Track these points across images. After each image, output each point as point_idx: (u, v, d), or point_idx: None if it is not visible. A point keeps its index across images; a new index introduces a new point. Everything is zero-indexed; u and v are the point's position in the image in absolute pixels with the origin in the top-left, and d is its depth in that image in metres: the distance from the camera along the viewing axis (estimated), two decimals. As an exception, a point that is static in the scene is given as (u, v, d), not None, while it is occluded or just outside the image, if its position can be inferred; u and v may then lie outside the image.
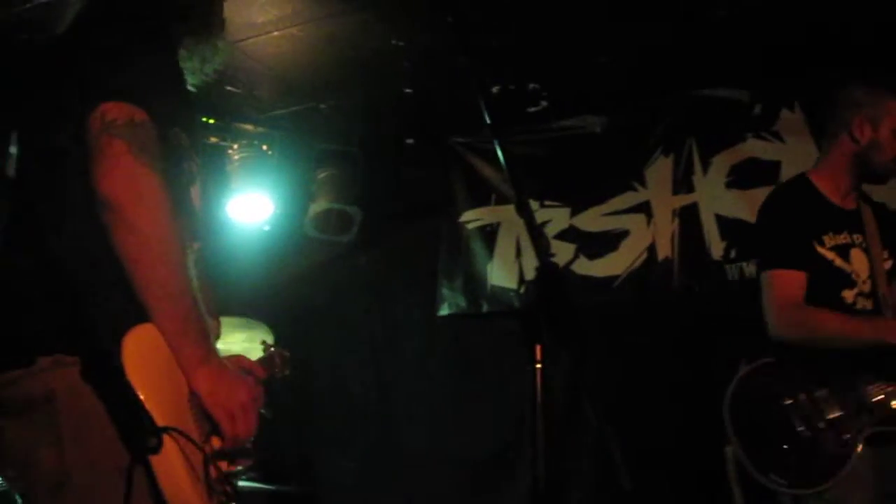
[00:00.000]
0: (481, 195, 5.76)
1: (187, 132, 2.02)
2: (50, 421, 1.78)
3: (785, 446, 3.10)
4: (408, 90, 5.25)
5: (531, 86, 5.15)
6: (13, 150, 4.95)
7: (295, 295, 5.92)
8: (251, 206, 5.57)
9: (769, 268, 3.31)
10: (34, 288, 1.87)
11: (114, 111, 1.82)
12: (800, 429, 3.09)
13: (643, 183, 5.27)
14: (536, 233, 1.87)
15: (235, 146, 5.44)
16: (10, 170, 4.91)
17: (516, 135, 5.40)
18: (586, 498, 4.85)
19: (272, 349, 2.68)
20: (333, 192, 5.71)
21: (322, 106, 5.48)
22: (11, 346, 1.84)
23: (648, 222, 5.20)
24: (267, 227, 5.68)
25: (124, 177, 1.78)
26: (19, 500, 3.49)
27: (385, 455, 5.65)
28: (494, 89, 5.02)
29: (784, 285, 3.24)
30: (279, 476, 5.19)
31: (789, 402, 3.13)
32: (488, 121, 2.07)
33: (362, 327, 5.99)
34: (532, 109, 5.37)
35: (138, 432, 1.73)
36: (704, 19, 4.37)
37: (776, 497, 3.11)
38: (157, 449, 1.72)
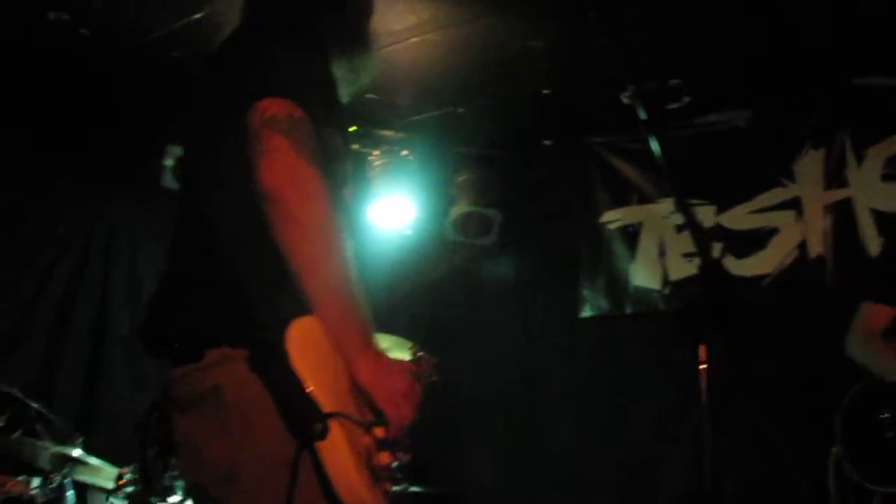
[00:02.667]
0: (622, 195, 5.68)
1: (340, 134, 2.06)
2: (218, 414, 1.84)
3: (880, 451, 3.65)
4: (545, 91, 5.22)
5: (672, 82, 5.04)
6: (168, 162, 5.19)
7: (436, 298, 5.97)
8: (393, 211, 5.65)
9: None
10: (201, 284, 1.93)
11: (273, 107, 1.86)
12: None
13: (792, 178, 5.09)
14: (697, 228, 1.82)
15: (376, 152, 5.54)
16: (166, 180, 5.16)
17: (658, 132, 5.28)
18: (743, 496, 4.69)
19: (420, 354, 2.70)
20: (473, 196, 5.74)
21: (460, 110, 5.51)
22: (182, 342, 1.91)
23: (798, 219, 5.02)
24: (409, 232, 5.75)
25: (284, 169, 1.82)
26: (180, 492, 3.65)
27: (530, 458, 5.63)
28: (632, 87, 4.95)
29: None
30: (424, 478, 5.25)
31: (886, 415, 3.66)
32: (643, 117, 2.02)
33: (504, 330, 5.98)
34: (673, 106, 5.25)
35: (304, 419, 1.76)
36: (856, 4, 4.19)
37: (869, 495, 3.61)
38: (323, 435, 1.75)
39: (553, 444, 5.57)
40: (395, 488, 1.94)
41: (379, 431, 1.92)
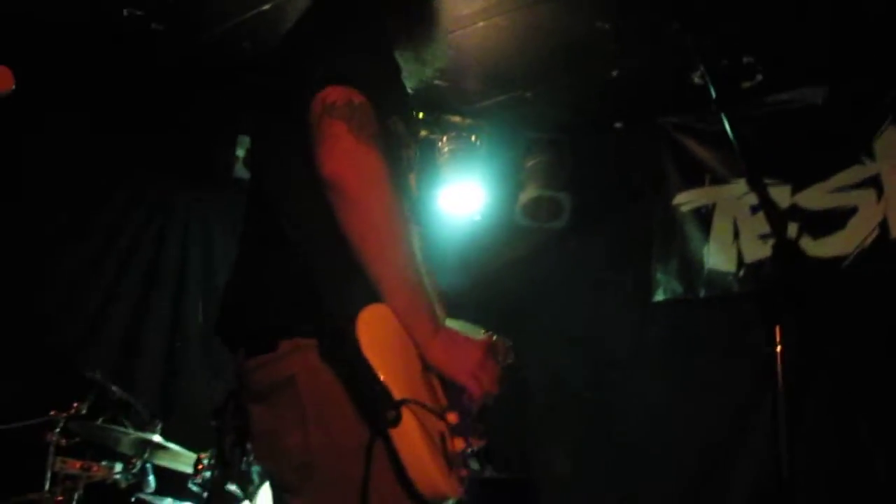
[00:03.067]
0: (695, 176, 5.58)
1: (404, 121, 2.06)
2: (293, 403, 1.85)
3: None
4: (614, 72, 5.16)
5: (745, 60, 4.93)
6: (240, 152, 5.26)
7: (506, 284, 5.96)
8: (462, 198, 5.64)
9: None
10: (273, 275, 1.95)
11: (333, 94, 1.86)
12: None
13: (872, 156, 4.93)
14: (771, 209, 1.78)
15: (444, 138, 5.54)
16: (238, 171, 5.22)
17: (730, 111, 5.17)
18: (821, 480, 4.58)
19: (494, 337, 2.69)
20: (543, 180, 5.71)
21: (528, 94, 5.47)
22: (256, 332, 1.93)
23: (879, 197, 4.87)
24: (478, 218, 5.74)
25: (345, 156, 1.82)
26: (255, 477, 3.71)
27: (601, 445, 5.58)
28: (703, 66, 4.86)
29: None
30: (496, 464, 5.25)
31: None
32: (715, 96, 1.98)
33: (575, 316, 5.93)
34: (746, 84, 5.14)
35: (377, 407, 1.76)
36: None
37: None
38: (396, 422, 1.75)
39: (624, 430, 5.51)
40: (469, 474, 1.94)
41: (452, 417, 1.92)
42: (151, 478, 4.16)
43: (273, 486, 2.03)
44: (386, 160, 1.86)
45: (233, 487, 3.68)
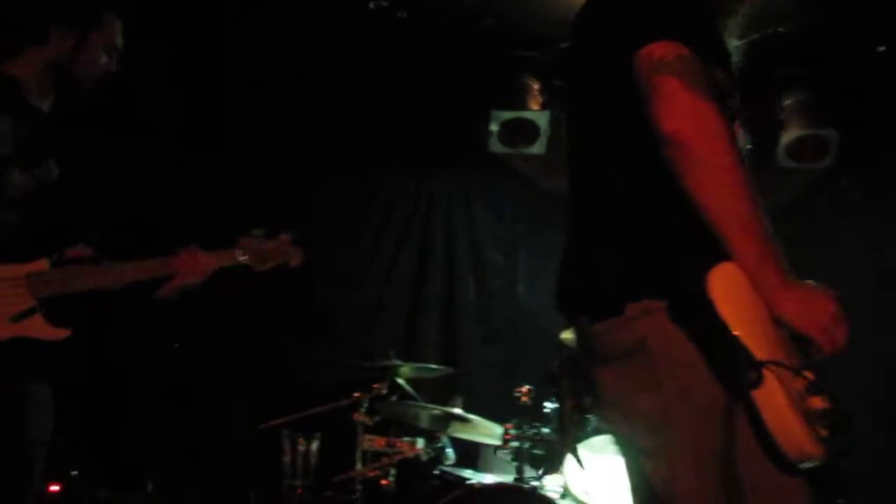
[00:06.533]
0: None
1: (724, 69, 2.00)
2: (645, 367, 1.84)
3: None
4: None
5: None
6: (493, 127, 5.32)
7: (778, 228, 5.68)
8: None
9: None
10: (612, 240, 1.94)
11: (659, 50, 1.82)
12: None
13: None
14: None
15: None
16: (492, 146, 5.29)
17: None
18: None
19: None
20: (804, 118, 5.42)
21: (781, 29, 5.20)
22: (601, 296, 1.93)
23: None
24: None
25: (683, 111, 1.77)
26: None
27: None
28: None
29: None
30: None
31: None
32: None
33: (848, 264, 5.45)
34: None
35: (736, 367, 1.72)
36: None
37: None
38: (757, 383, 1.71)
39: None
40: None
41: (809, 375, 1.85)
42: (450, 450, 4.30)
43: (625, 450, 2.03)
44: (721, 110, 1.81)
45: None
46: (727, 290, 1.77)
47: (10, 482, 2.38)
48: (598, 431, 3.78)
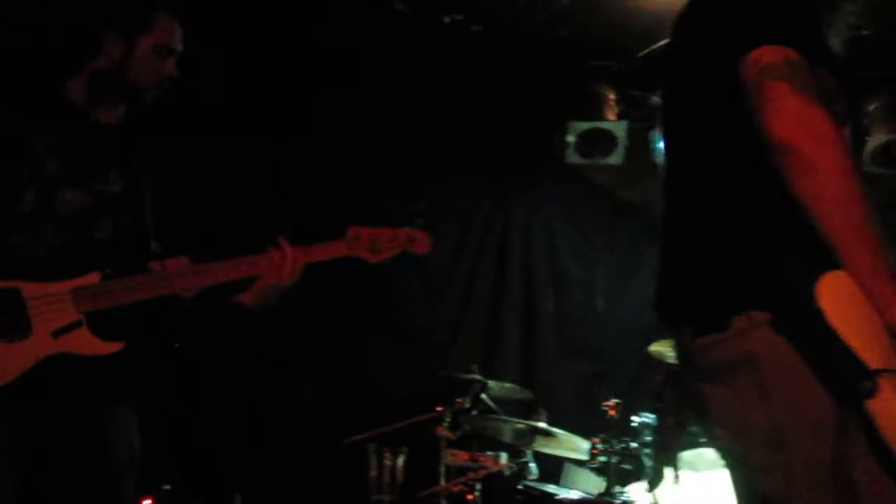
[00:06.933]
0: None
1: (832, 73, 1.94)
2: (754, 381, 1.79)
3: None
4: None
5: None
6: (570, 138, 5.28)
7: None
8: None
9: None
10: (714, 251, 1.90)
11: (767, 55, 1.78)
12: None
13: None
14: None
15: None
16: (569, 157, 5.23)
17: None
18: None
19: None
20: (890, 122, 5.28)
21: (864, 32, 5.08)
22: (705, 309, 1.89)
23: None
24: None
25: (794, 117, 1.73)
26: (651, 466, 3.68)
27: None
28: None
29: None
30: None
31: None
32: None
33: None
34: None
35: (849, 378, 1.67)
36: None
37: None
38: (872, 393, 1.66)
39: None
40: None
41: None
42: (533, 465, 4.26)
43: (735, 467, 1.98)
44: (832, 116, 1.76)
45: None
46: (837, 299, 1.72)
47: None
48: (690, 446, 3.72)
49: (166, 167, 2.61)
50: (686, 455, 3.72)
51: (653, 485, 2.23)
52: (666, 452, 2.36)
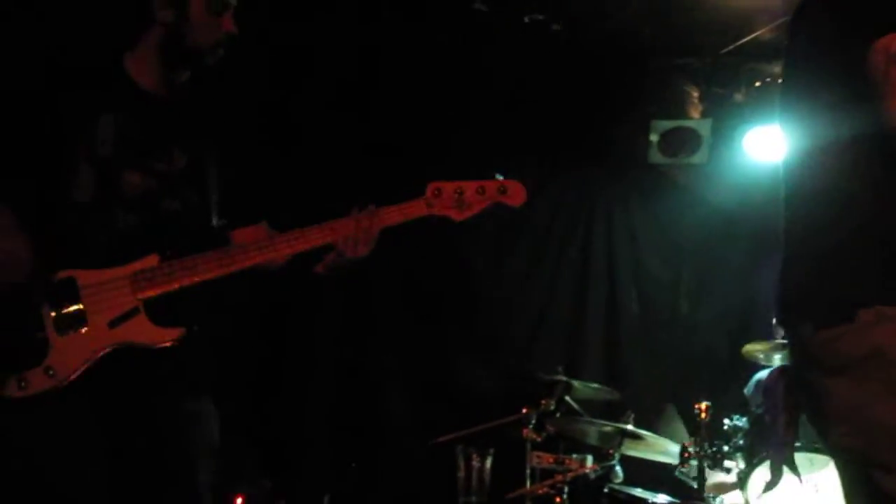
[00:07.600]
0: None
1: None
2: (883, 375, 1.74)
3: None
4: None
5: None
6: (653, 137, 5.18)
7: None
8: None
9: None
10: (844, 242, 1.84)
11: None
12: None
13: None
14: None
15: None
16: (651, 156, 5.13)
17: None
18: None
19: None
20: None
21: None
22: (829, 303, 1.84)
23: None
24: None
25: None
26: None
27: None
28: None
29: None
30: None
31: None
32: None
33: None
34: None
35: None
36: None
37: None
38: None
39: None
40: None
41: None
42: (619, 468, 4.19)
43: (853, 467, 1.90)
44: None
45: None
46: None
47: (172, 498, 2.18)
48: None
49: (232, 138, 2.49)
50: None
51: (769, 486, 2.16)
52: (778, 452, 2.27)
